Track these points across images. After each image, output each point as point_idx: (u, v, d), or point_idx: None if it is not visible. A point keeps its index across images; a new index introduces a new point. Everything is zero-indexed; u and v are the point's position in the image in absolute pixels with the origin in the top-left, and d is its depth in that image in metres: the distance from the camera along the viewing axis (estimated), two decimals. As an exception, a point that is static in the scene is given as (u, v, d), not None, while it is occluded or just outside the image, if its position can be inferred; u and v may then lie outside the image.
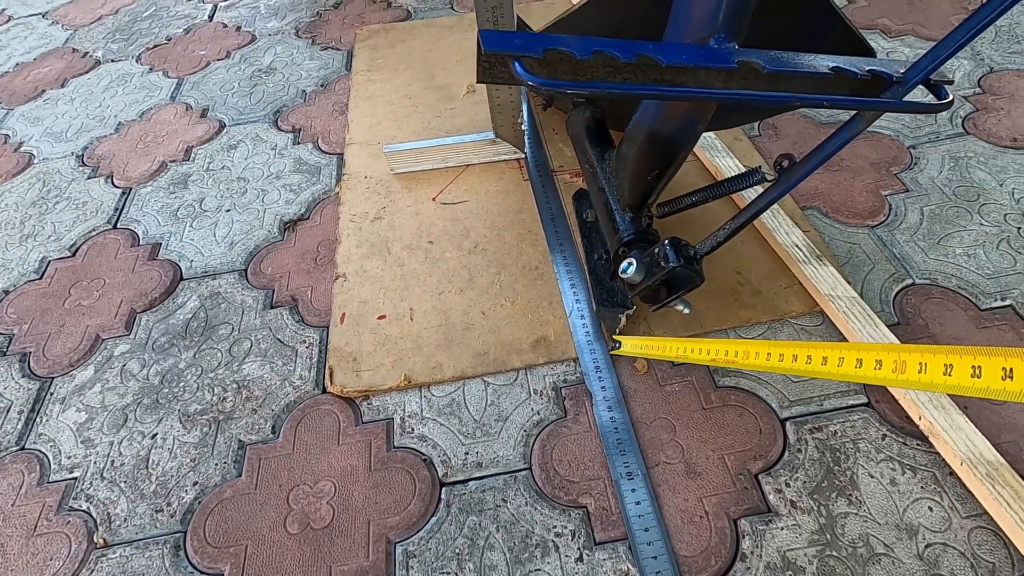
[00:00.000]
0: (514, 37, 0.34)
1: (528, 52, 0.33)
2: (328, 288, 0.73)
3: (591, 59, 0.34)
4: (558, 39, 0.35)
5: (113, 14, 1.40)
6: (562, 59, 0.34)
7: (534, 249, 0.73)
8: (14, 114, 1.12)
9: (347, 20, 1.24)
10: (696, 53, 0.36)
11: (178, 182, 0.91)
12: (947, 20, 0.98)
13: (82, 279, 0.79)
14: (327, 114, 0.99)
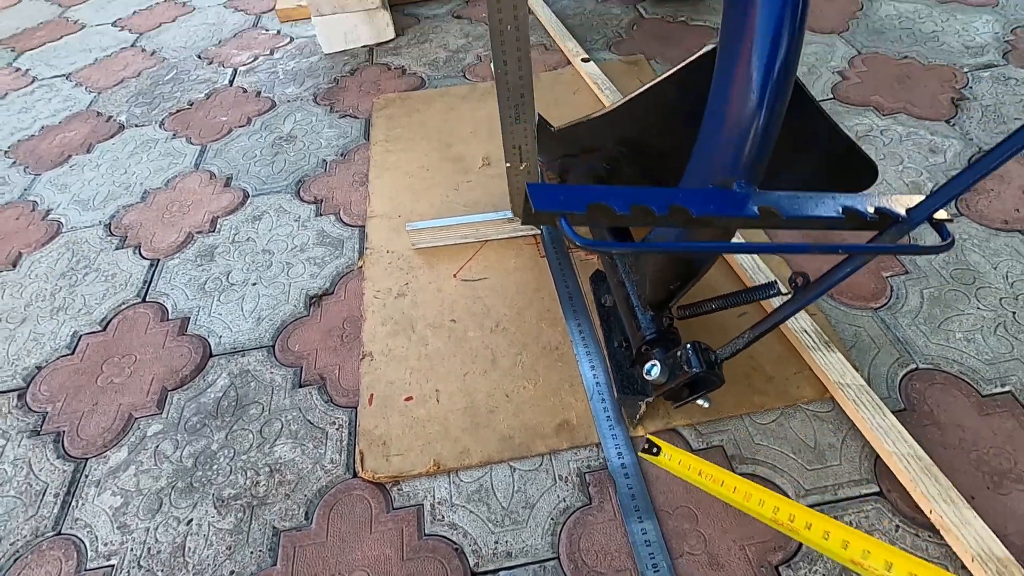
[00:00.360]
0: (558, 192, 0.38)
1: (573, 209, 0.37)
2: (355, 367, 0.76)
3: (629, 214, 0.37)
4: (598, 192, 0.38)
5: (135, 76, 1.45)
6: (603, 212, 0.38)
7: (553, 329, 0.76)
8: (41, 180, 1.15)
9: (363, 87, 1.29)
10: (722, 202, 0.39)
11: (205, 254, 0.94)
12: (936, 99, 1.04)
13: (114, 355, 0.81)
14: (348, 185, 1.04)
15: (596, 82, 1.17)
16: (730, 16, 0.41)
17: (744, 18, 0.39)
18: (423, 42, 1.43)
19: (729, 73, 0.40)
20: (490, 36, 0.65)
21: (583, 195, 0.38)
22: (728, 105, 0.41)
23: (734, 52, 0.40)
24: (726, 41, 0.41)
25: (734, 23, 0.40)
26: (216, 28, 1.63)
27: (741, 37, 0.40)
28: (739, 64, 0.39)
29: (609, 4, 1.48)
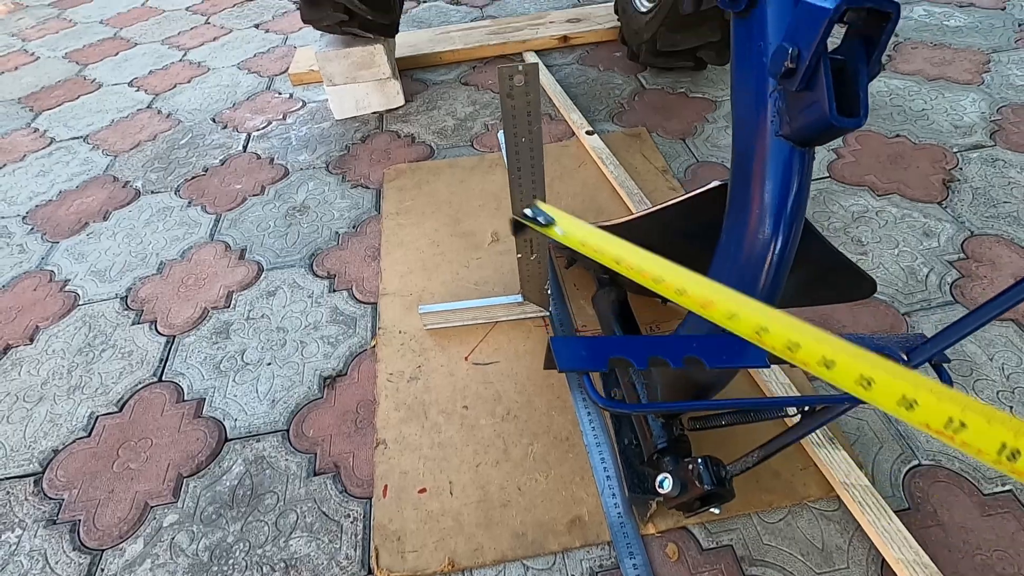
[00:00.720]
0: (580, 347, 0.40)
1: (595, 367, 0.39)
2: (369, 455, 0.77)
3: (647, 369, 0.40)
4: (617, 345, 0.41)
5: (151, 140, 1.50)
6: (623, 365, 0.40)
7: (564, 418, 0.78)
8: (59, 248, 1.18)
9: (374, 155, 1.34)
10: (736, 352, 0.42)
11: (220, 331, 0.96)
12: (928, 180, 1.08)
13: (130, 438, 0.82)
14: (360, 259, 1.06)
15: (600, 156, 1.21)
16: (739, 166, 0.44)
17: (751, 169, 0.42)
18: (432, 109, 1.48)
19: (741, 218, 0.43)
20: (504, 145, 0.69)
21: (603, 349, 0.40)
22: (740, 249, 0.44)
23: (744, 201, 0.42)
24: (736, 191, 0.44)
25: (741, 176, 0.43)
26: (230, 90, 1.69)
27: (749, 185, 0.43)
28: (751, 210, 0.42)
29: (611, 73, 1.54)
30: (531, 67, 0.62)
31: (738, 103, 0.43)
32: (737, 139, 0.44)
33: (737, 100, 0.43)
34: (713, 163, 1.20)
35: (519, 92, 0.63)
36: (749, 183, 0.41)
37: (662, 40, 1.30)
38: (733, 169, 0.45)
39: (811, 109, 0.36)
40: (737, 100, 0.43)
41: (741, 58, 0.43)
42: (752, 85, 0.41)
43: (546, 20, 1.76)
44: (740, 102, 0.43)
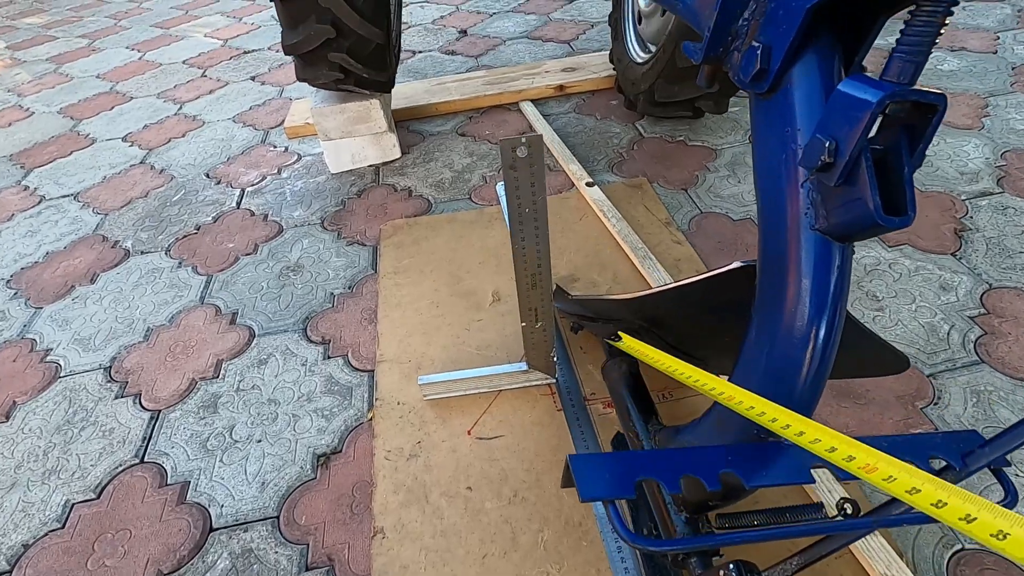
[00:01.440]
0: (603, 468, 0.36)
1: (622, 493, 0.34)
2: (366, 546, 0.71)
3: (680, 492, 0.35)
4: (645, 462, 0.36)
5: (143, 197, 1.47)
6: (652, 488, 0.36)
7: (575, 500, 0.73)
8: (42, 315, 1.13)
9: (370, 210, 1.31)
10: (775, 469, 0.37)
11: (208, 405, 0.91)
12: (939, 230, 1.06)
13: (107, 529, 0.76)
14: (356, 322, 1.02)
15: (602, 209, 1.18)
16: (769, 258, 0.40)
17: (783, 263, 0.39)
18: (428, 161, 1.46)
19: (774, 315, 0.39)
20: (508, 216, 0.66)
21: (629, 469, 0.36)
22: (774, 348, 0.40)
23: (776, 298, 0.39)
24: (767, 286, 0.41)
25: (771, 269, 0.40)
26: (225, 144, 1.67)
27: (783, 281, 0.39)
28: (784, 308, 0.38)
29: (609, 121, 1.54)
30: (535, 139, 0.59)
31: (764, 191, 0.40)
32: (765, 229, 0.40)
33: (762, 187, 0.40)
34: (717, 214, 1.17)
35: (522, 164, 0.60)
36: (782, 278, 0.38)
37: (660, 91, 1.29)
38: (762, 260, 0.41)
39: (852, 205, 0.32)
40: (762, 187, 0.40)
41: (764, 143, 0.40)
42: (780, 173, 0.38)
43: (541, 69, 1.77)
44: (766, 190, 0.40)
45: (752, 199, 1.20)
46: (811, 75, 0.36)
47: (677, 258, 1.07)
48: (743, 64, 0.41)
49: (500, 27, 2.29)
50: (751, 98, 0.43)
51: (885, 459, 0.30)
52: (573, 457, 0.36)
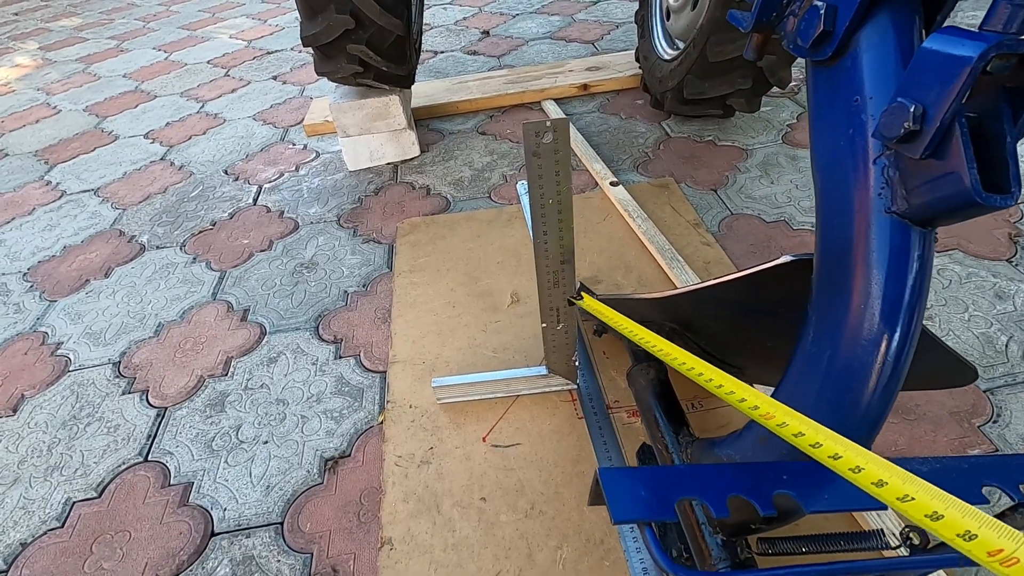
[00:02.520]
0: (638, 484, 0.31)
1: (660, 515, 0.30)
2: (372, 558, 0.67)
3: (728, 515, 0.30)
4: (685, 479, 0.31)
5: (162, 193, 1.46)
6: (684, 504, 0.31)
7: (597, 515, 0.68)
8: (56, 308, 1.12)
9: (387, 208, 1.28)
10: (840, 492, 0.32)
11: (215, 403, 0.88)
12: (991, 235, 0.99)
13: (107, 530, 0.73)
14: (369, 322, 0.98)
15: (627, 209, 1.13)
16: (830, 247, 0.35)
17: (849, 253, 0.34)
18: (448, 159, 1.43)
19: (836, 315, 0.34)
20: (530, 208, 0.61)
21: (668, 487, 0.31)
22: (836, 352, 0.35)
23: (840, 293, 0.34)
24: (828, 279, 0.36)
25: (834, 260, 0.35)
26: (244, 141, 1.66)
27: (848, 273, 0.34)
28: (850, 305, 0.33)
29: (634, 121, 1.49)
30: (560, 122, 0.55)
31: (825, 171, 0.35)
32: (826, 215, 0.35)
33: (823, 167, 0.35)
34: (749, 215, 1.12)
35: (547, 150, 0.56)
36: (847, 272, 0.33)
37: (689, 88, 1.24)
38: (821, 252, 0.36)
39: (942, 182, 0.27)
40: (823, 167, 0.35)
41: (826, 116, 0.35)
42: (846, 149, 0.33)
43: (565, 68, 1.73)
44: (828, 170, 0.35)
45: (786, 200, 1.14)
46: (885, 36, 0.31)
47: (707, 261, 1.01)
48: (801, 28, 0.36)
49: (523, 28, 2.26)
50: (808, 67, 0.38)
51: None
52: (603, 471, 0.31)
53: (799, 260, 0.42)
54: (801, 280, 0.43)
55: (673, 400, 0.66)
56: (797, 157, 1.26)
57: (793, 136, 1.33)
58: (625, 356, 0.85)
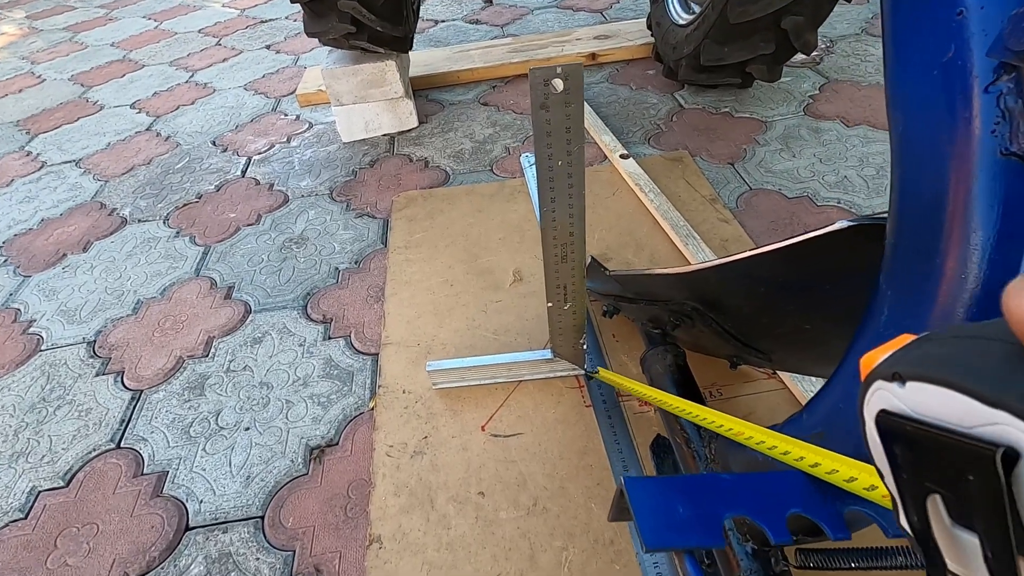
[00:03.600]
0: (673, 499, 0.24)
1: (706, 541, 0.23)
2: (360, 557, 0.61)
3: (790, 540, 0.24)
4: (734, 495, 0.25)
5: (146, 164, 1.39)
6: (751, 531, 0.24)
7: (606, 513, 0.61)
8: (30, 283, 1.05)
9: (383, 181, 1.20)
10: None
11: (194, 387, 0.82)
12: None
13: (73, 522, 0.68)
14: (361, 301, 0.92)
15: (638, 182, 1.06)
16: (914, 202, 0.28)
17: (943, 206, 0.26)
18: (447, 131, 1.35)
19: (925, 283, 0.27)
20: (537, 170, 0.54)
21: (712, 503, 0.24)
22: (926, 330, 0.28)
23: (931, 257, 0.27)
24: (909, 240, 0.29)
25: (919, 217, 0.28)
26: (234, 112, 1.58)
27: (939, 232, 0.27)
28: (944, 270, 0.26)
29: (645, 92, 1.40)
30: (573, 68, 0.47)
31: (908, 110, 0.28)
32: (908, 165, 0.28)
33: (905, 106, 0.28)
34: (769, 190, 1.04)
35: (557, 102, 0.49)
36: (938, 232, 0.26)
37: (706, 53, 1.16)
38: (900, 210, 0.29)
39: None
40: (905, 106, 0.28)
41: (912, 40, 0.28)
42: (939, 79, 0.26)
43: (572, 37, 1.64)
44: (912, 108, 0.28)
45: (809, 175, 1.06)
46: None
47: (724, 238, 0.94)
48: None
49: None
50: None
51: None
52: (630, 482, 0.24)
53: (861, 225, 0.35)
54: (862, 249, 0.36)
55: (694, 388, 0.59)
56: (820, 130, 1.18)
57: (816, 107, 1.25)
58: (637, 339, 0.79)
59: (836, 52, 1.47)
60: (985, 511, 0.13)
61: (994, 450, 0.12)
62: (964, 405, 0.13)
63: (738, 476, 0.26)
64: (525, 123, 1.34)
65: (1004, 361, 0.12)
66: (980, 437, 0.12)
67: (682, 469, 0.56)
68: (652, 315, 0.66)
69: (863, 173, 1.05)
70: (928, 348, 0.15)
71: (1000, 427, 0.12)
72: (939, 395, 0.13)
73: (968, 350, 0.14)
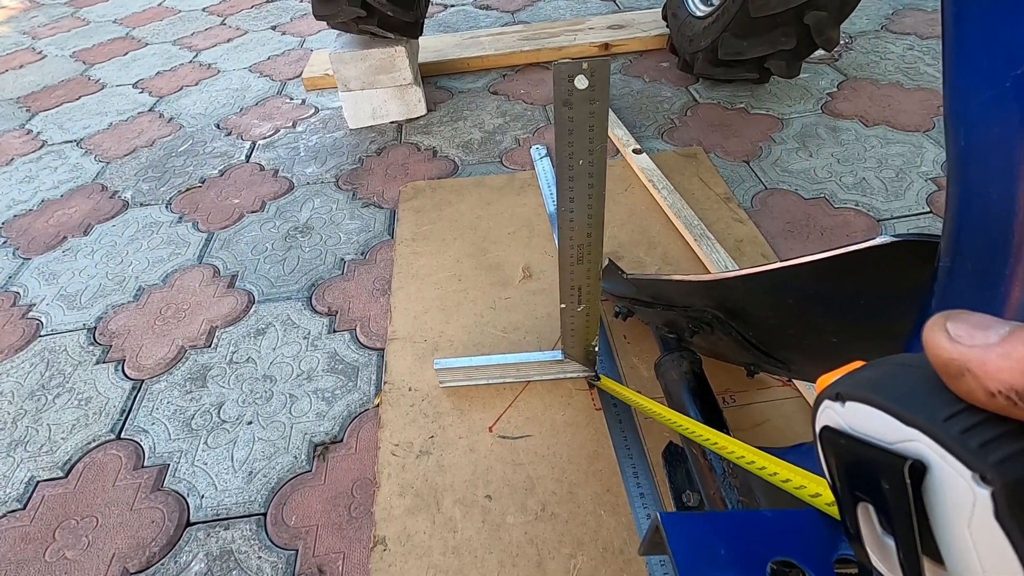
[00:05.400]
0: (715, 538, 0.23)
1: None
2: (364, 559, 0.60)
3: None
4: (779, 534, 0.23)
5: (148, 146, 1.36)
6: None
7: (616, 520, 0.60)
8: (30, 266, 1.04)
9: (390, 170, 1.18)
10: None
11: (196, 378, 0.80)
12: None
13: (72, 515, 0.66)
14: (367, 293, 0.90)
15: (651, 179, 1.04)
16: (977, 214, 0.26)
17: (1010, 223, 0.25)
18: (457, 120, 1.32)
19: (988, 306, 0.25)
20: (556, 169, 0.52)
21: (753, 542, 0.23)
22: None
23: (999, 282, 0.25)
24: (969, 258, 0.27)
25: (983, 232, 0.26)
26: (239, 94, 1.55)
27: (1005, 251, 0.25)
28: (1010, 293, 0.24)
29: (659, 85, 1.38)
30: (600, 64, 0.45)
31: (973, 118, 0.26)
32: (969, 180, 0.26)
33: (969, 114, 0.26)
34: (785, 190, 1.02)
35: (580, 99, 0.47)
36: (1005, 253, 0.24)
37: (725, 47, 1.13)
38: (958, 227, 0.27)
39: None
40: (969, 114, 0.26)
41: (980, 48, 0.26)
42: (1012, 91, 0.24)
43: (585, 26, 1.60)
44: (979, 117, 0.26)
45: (827, 176, 1.04)
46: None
47: (739, 239, 0.92)
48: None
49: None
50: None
51: None
52: (667, 518, 0.23)
53: (907, 242, 0.33)
54: (905, 267, 0.35)
55: (710, 396, 0.58)
56: (838, 129, 1.16)
57: (834, 106, 1.22)
58: (649, 341, 0.77)
59: (855, 49, 1.43)
60: (898, 516, 0.15)
61: (903, 462, 0.14)
62: (887, 423, 0.15)
63: (781, 513, 0.24)
64: (536, 114, 1.31)
65: (920, 385, 0.14)
66: (896, 451, 0.14)
67: (696, 481, 0.55)
68: (669, 320, 0.64)
69: (882, 175, 1.03)
70: (868, 372, 0.16)
71: (915, 443, 0.14)
72: (869, 414, 0.15)
73: (896, 375, 0.15)
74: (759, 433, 0.66)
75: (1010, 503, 0.11)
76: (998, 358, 0.12)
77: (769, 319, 0.49)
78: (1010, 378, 0.12)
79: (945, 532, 0.14)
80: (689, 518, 0.24)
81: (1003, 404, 0.12)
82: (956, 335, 0.13)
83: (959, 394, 0.13)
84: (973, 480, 0.12)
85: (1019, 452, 0.12)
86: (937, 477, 0.13)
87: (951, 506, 0.13)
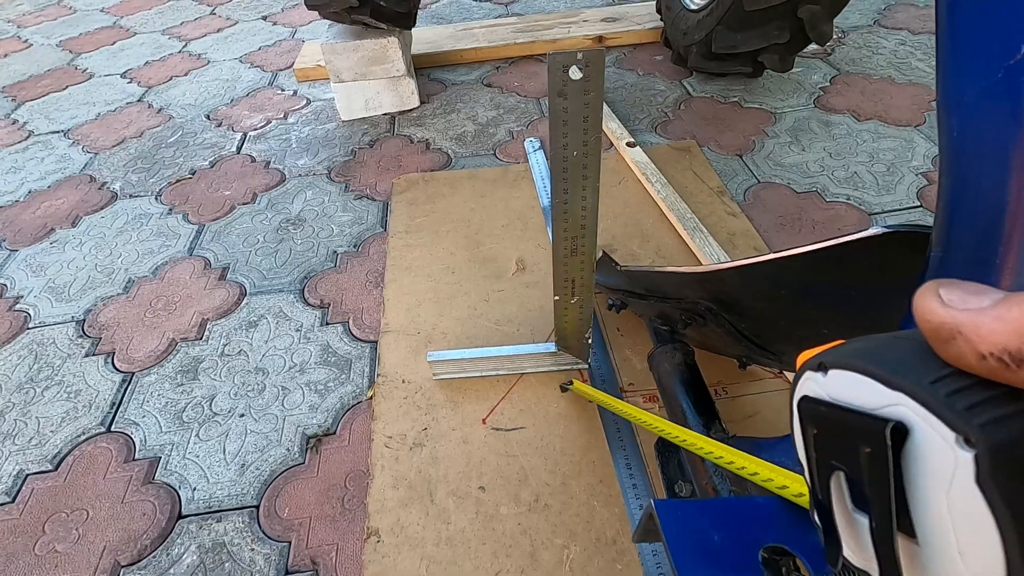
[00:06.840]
0: (709, 526, 0.23)
1: (743, 573, 0.22)
2: (357, 550, 0.60)
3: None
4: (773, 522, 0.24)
5: (137, 137, 1.34)
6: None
7: (609, 511, 0.61)
8: (16, 258, 1.02)
9: (383, 162, 1.17)
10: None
11: (187, 370, 0.80)
12: None
13: (62, 508, 0.66)
14: (360, 286, 0.90)
15: (644, 172, 1.04)
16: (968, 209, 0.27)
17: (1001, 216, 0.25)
18: (450, 112, 1.32)
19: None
20: (551, 161, 0.52)
21: (749, 530, 0.23)
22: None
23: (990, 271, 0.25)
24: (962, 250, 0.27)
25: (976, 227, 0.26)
26: (229, 85, 1.54)
27: (995, 243, 0.25)
28: (1001, 285, 0.25)
29: (653, 78, 1.37)
30: (595, 54, 0.45)
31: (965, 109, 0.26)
32: (961, 168, 0.27)
33: (961, 104, 0.26)
34: (777, 184, 1.02)
35: (575, 90, 0.46)
36: (994, 244, 0.24)
37: (719, 40, 1.13)
38: (950, 218, 0.28)
39: None
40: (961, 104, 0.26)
41: (972, 38, 0.26)
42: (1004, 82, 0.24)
43: (579, 18, 1.59)
44: (972, 108, 0.26)
45: (819, 170, 1.05)
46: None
47: (732, 232, 0.92)
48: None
49: (534, -26, 2.10)
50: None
51: None
52: (661, 504, 0.23)
53: (899, 233, 0.33)
54: (898, 257, 0.35)
55: (702, 388, 0.58)
56: (831, 123, 1.16)
57: (827, 100, 1.23)
58: (642, 333, 0.77)
59: (848, 43, 1.44)
60: (874, 484, 0.14)
61: (884, 424, 0.13)
62: (871, 388, 0.14)
63: (773, 500, 0.24)
64: (529, 106, 1.31)
65: (909, 352, 0.14)
66: (878, 415, 0.14)
67: (688, 471, 0.55)
68: (662, 312, 0.64)
69: (873, 170, 1.03)
70: (854, 344, 0.16)
71: (898, 407, 0.14)
72: (852, 381, 0.15)
73: (884, 345, 0.15)
74: (750, 424, 0.67)
75: (993, 466, 0.11)
76: (992, 320, 0.12)
77: (762, 311, 0.49)
78: (1004, 340, 0.11)
79: (921, 501, 0.13)
80: (682, 505, 0.24)
81: (994, 366, 0.12)
82: (948, 300, 0.13)
83: (948, 359, 0.13)
84: (956, 443, 0.12)
85: (1005, 416, 0.11)
86: (918, 442, 0.13)
87: (931, 472, 0.13)
